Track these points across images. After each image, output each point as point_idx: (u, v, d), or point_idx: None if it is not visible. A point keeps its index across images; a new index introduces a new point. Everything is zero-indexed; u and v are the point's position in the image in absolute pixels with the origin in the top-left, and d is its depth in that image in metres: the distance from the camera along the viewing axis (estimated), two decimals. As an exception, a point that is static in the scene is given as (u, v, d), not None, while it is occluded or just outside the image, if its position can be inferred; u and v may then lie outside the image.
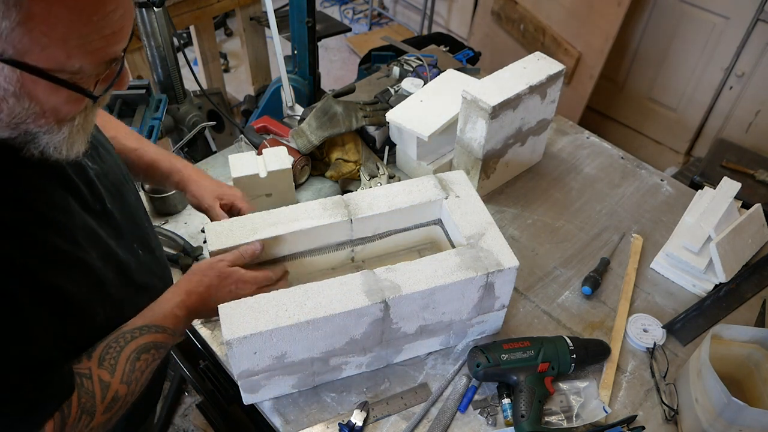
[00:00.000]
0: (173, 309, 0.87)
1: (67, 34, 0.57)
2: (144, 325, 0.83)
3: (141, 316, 0.84)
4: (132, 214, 0.90)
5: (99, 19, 0.58)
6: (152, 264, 0.93)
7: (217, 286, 0.93)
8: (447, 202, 1.10)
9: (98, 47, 0.60)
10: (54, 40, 0.56)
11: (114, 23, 0.60)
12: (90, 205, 0.79)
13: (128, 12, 0.63)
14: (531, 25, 2.84)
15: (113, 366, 0.77)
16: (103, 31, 0.59)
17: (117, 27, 0.61)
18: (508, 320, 1.16)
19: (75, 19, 0.56)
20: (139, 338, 0.81)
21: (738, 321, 1.19)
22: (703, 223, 1.24)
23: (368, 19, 4.28)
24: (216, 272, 0.94)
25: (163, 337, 0.84)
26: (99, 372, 0.76)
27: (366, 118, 1.45)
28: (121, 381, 0.77)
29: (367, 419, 1.00)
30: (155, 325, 0.84)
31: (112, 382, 0.76)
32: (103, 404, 0.75)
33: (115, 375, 0.77)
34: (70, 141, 0.67)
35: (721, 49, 2.48)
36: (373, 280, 0.95)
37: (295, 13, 1.84)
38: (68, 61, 0.59)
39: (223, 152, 1.56)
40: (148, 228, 0.96)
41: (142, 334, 0.82)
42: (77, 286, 0.73)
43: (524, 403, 0.98)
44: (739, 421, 0.90)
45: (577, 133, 1.65)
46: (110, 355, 0.78)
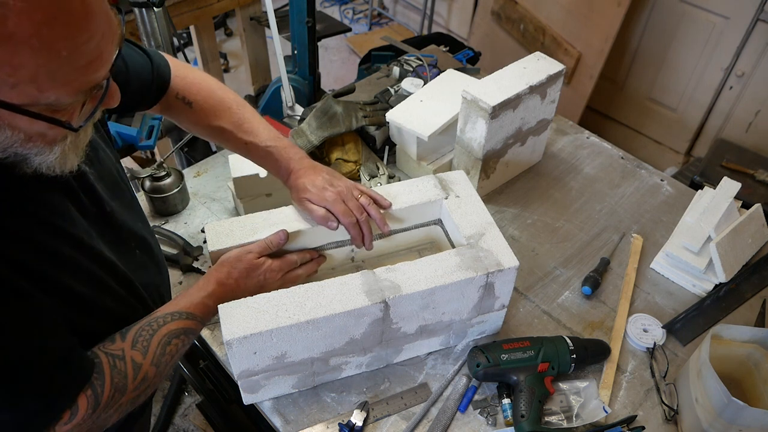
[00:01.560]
0: (204, 298, 0.90)
1: (35, 73, 0.54)
2: (176, 311, 0.86)
3: (173, 303, 0.88)
4: (128, 214, 0.91)
5: (69, 53, 0.55)
6: (150, 262, 0.94)
7: (246, 277, 0.96)
8: (447, 202, 1.10)
9: (73, 79, 0.58)
10: (22, 79, 0.54)
11: (89, 53, 0.58)
12: (89, 210, 0.79)
13: (107, 37, 0.59)
14: (531, 25, 2.84)
15: (146, 348, 0.80)
16: (76, 63, 0.57)
17: (93, 56, 0.58)
18: (508, 320, 1.16)
19: (41, 58, 0.54)
20: (170, 323, 0.84)
21: (738, 321, 1.19)
22: (703, 223, 1.24)
23: (368, 19, 4.28)
24: (245, 264, 0.96)
25: (193, 324, 0.88)
26: (132, 353, 0.79)
27: (366, 118, 1.45)
28: (151, 363, 0.81)
29: (367, 419, 1.00)
30: (186, 311, 0.87)
31: (144, 363, 0.80)
32: (133, 383, 0.79)
33: (147, 357, 0.80)
34: (62, 159, 0.66)
35: (721, 49, 2.48)
36: (373, 280, 0.95)
37: (295, 13, 1.84)
38: (42, 95, 0.57)
39: (223, 152, 1.56)
40: (144, 227, 0.96)
41: (174, 319, 0.85)
42: (83, 285, 0.75)
43: (524, 403, 0.98)
44: (739, 421, 0.90)
45: (577, 133, 1.65)
46: (143, 337, 0.81)
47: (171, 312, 0.86)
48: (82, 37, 0.56)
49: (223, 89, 1.09)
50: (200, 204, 1.39)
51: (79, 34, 0.55)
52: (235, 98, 1.09)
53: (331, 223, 1.02)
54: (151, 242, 0.97)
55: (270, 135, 1.08)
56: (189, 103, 1.05)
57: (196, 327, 0.89)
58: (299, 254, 1.05)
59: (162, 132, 1.77)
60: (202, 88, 1.06)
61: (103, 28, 0.58)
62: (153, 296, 0.92)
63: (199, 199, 1.41)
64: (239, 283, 0.95)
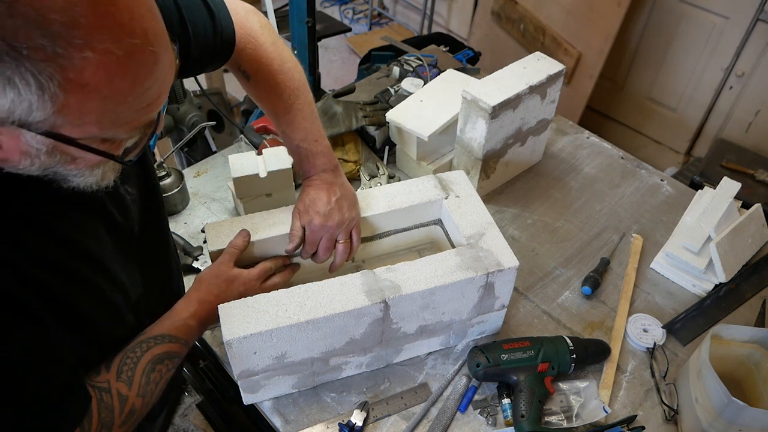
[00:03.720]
0: (186, 320, 0.88)
1: (101, 116, 0.55)
2: (159, 335, 0.84)
3: (156, 326, 0.86)
4: (159, 239, 0.91)
5: (134, 99, 0.57)
6: (170, 294, 0.95)
7: (226, 290, 0.94)
8: (447, 202, 1.10)
9: (133, 119, 0.59)
10: (88, 121, 0.55)
11: (150, 96, 0.58)
12: (122, 232, 0.78)
13: (166, 82, 0.60)
14: (531, 25, 2.84)
15: (130, 378, 0.78)
16: (138, 105, 0.58)
17: (153, 98, 0.59)
18: (508, 320, 1.16)
19: (109, 104, 0.55)
20: (154, 348, 0.82)
21: (738, 321, 1.19)
22: (703, 223, 1.24)
23: (368, 19, 4.28)
24: (223, 279, 0.95)
25: (177, 347, 0.85)
26: (117, 385, 0.77)
27: (366, 118, 1.45)
28: (137, 394, 0.78)
29: (367, 419, 1.00)
30: (169, 334, 0.85)
31: (130, 395, 0.77)
32: (120, 418, 0.76)
33: (132, 388, 0.78)
34: (101, 178, 0.66)
35: (721, 49, 2.48)
36: (373, 280, 0.95)
37: (295, 13, 1.84)
38: (101, 133, 0.58)
39: (223, 152, 1.56)
40: (173, 253, 0.96)
41: (157, 344, 0.83)
42: (97, 311, 0.74)
43: (524, 403, 0.98)
44: (739, 421, 0.90)
45: (577, 133, 1.65)
46: (127, 366, 0.78)
47: (154, 336, 0.83)
48: (147, 84, 0.56)
49: (284, 72, 1.01)
50: (200, 204, 1.39)
51: (145, 82, 0.56)
52: (293, 83, 1.02)
53: (290, 245, 1.03)
54: (176, 269, 0.98)
55: (306, 135, 1.04)
56: (247, 76, 1.00)
57: (180, 350, 0.86)
58: (273, 261, 1.03)
59: (162, 132, 1.78)
60: (262, 66, 0.99)
61: (166, 71, 0.59)
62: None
63: (199, 199, 1.41)
64: (220, 297, 0.93)
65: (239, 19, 0.93)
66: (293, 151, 1.06)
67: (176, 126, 1.99)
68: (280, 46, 1.01)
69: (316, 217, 1.01)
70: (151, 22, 0.55)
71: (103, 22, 0.50)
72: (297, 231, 1.02)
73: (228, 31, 0.91)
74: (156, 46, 0.55)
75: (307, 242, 1.03)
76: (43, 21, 0.47)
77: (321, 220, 1.01)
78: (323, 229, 1.02)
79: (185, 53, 0.84)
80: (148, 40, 0.54)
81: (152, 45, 0.55)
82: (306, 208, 1.02)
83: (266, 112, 1.06)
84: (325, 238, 1.03)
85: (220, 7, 0.89)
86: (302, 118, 1.03)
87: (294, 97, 1.01)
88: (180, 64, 0.83)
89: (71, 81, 0.50)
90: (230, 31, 0.92)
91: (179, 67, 0.77)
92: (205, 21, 0.87)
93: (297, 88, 1.02)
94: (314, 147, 1.04)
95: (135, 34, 0.53)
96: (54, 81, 0.49)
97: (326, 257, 1.05)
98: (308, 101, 1.03)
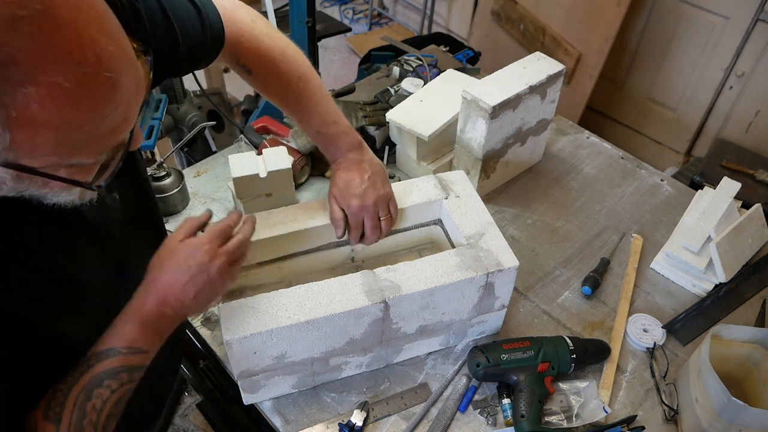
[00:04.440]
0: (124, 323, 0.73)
1: (56, 146, 0.51)
2: (95, 353, 0.70)
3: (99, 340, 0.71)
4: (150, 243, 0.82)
5: (92, 127, 0.52)
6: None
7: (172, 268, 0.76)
8: (447, 202, 1.10)
9: (96, 145, 0.54)
10: (43, 153, 0.51)
11: (113, 121, 0.53)
12: (109, 245, 0.74)
13: (131, 103, 0.55)
14: (531, 25, 2.84)
15: (58, 415, 0.65)
16: (99, 132, 0.53)
17: (117, 122, 0.54)
18: (508, 320, 1.16)
19: (63, 134, 0.50)
20: (88, 372, 0.68)
21: (738, 321, 1.19)
22: (703, 223, 1.24)
23: (368, 19, 4.28)
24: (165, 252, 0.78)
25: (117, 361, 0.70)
26: (44, 425, 0.65)
27: (366, 118, 1.45)
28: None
29: (367, 419, 1.00)
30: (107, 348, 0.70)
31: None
32: None
33: (61, 428, 0.65)
34: (80, 196, 0.61)
35: (721, 49, 2.48)
36: (373, 280, 0.95)
37: (295, 13, 1.84)
38: (63, 161, 0.53)
39: (223, 152, 1.56)
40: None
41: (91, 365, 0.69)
42: (79, 332, 0.69)
43: (524, 403, 0.98)
44: (739, 421, 0.90)
45: (577, 133, 1.65)
46: (56, 400, 0.66)
47: (88, 357, 0.69)
48: (106, 110, 0.52)
49: (287, 60, 0.97)
50: (200, 204, 1.39)
51: (103, 108, 0.52)
52: (298, 70, 0.98)
53: (338, 230, 1.03)
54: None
55: (323, 119, 1.01)
56: (249, 71, 0.96)
57: (124, 361, 0.70)
58: (224, 222, 0.84)
59: (162, 132, 1.78)
60: (262, 58, 0.95)
61: (129, 93, 0.54)
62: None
63: (199, 199, 1.41)
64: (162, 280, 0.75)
65: (227, 13, 0.90)
66: (313, 137, 1.05)
67: (176, 126, 1.99)
68: (276, 35, 0.97)
69: (354, 200, 1.01)
70: (106, 46, 0.50)
71: (46, 54, 0.46)
72: (338, 215, 1.02)
73: (216, 26, 0.87)
74: (112, 70, 0.51)
75: (352, 227, 1.04)
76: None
77: (359, 201, 1.01)
78: (363, 209, 1.02)
79: (172, 53, 0.81)
80: (102, 65, 0.50)
81: (108, 70, 0.50)
82: (341, 193, 1.02)
83: (277, 104, 1.04)
84: (368, 217, 1.03)
85: (206, 3, 0.86)
86: (315, 102, 1.01)
87: (302, 83, 0.99)
88: (167, 65, 0.79)
89: (14, 118, 0.47)
90: (218, 26, 0.88)
91: (169, 67, 0.75)
92: (191, 17, 0.83)
93: (304, 74, 0.99)
94: (334, 129, 1.03)
95: (86, 62, 0.49)
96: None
97: (375, 236, 1.05)
98: (317, 85, 1.01)
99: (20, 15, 0.45)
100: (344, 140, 1.04)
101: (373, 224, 1.04)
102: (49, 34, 0.46)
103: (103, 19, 0.51)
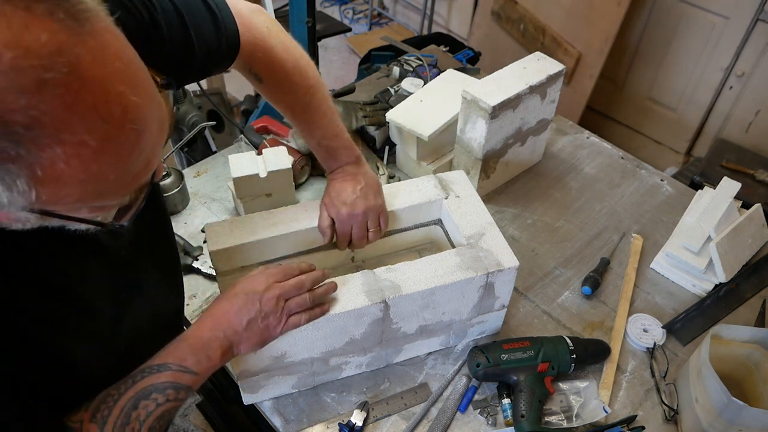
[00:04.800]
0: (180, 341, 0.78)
1: (81, 196, 0.51)
2: (148, 366, 0.74)
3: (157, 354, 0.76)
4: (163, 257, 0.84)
5: (117, 176, 0.51)
6: (174, 314, 0.89)
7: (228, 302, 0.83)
8: (447, 202, 1.10)
9: (120, 190, 0.54)
10: (67, 201, 0.51)
11: (137, 167, 0.52)
12: (118, 263, 0.73)
13: (155, 147, 0.54)
14: (531, 25, 2.84)
15: (105, 418, 0.68)
16: (124, 179, 0.53)
17: (141, 167, 0.53)
18: (508, 320, 1.16)
19: (89, 185, 0.50)
20: (140, 382, 0.72)
21: (738, 321, 1.19)
22: (703, 223, 1.24)
23: (368, 19, 4.28)
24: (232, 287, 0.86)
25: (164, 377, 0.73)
26: (89, 426, 0.68)
27: (366, 118, 1.45)
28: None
29: (367, 419, 1.00)
30: (159, 364, 0.74)
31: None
32: None
33: (105, 430, 0.68)
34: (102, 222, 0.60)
35: (721, 49, 2.48)
36: (373, 280, 0.95)
37: (295, 13, 1.84)
38: (86, 205, 0.53)
39: (223, 152, 1.56)
40: (178, 272, 0.91)
41: (144, 377, 0.72)
42: (90, 354, 0.69)
43: (524, 403, 0.98)
44: (739, 421, 0.90)
45: (577, 133, 1.65)
46: (107, 404, 0.69)
47: (142, 369, 0.73)
48: (131, 158, 0.51)
49: (298, 71, 0.98)
50: (200, 204, 1.39)
51: (128, 157, 0.51)
52: (308, 82, 1.00)
53: (324, 238, 1.05)
54: (180, 286, 0.92)
55: (325, 132, 1.04)
56: (260, 79, 0.97)
57: (171, 378, 0.73)
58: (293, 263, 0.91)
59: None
60: (275, 68, 0.96)
61: (154, 137, 0.53)
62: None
63: (199, 199, 1.41)
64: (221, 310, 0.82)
65: (244, 22, 0.90)
66: (314, 148, 1.07)
67: (176, 126, 1.99)
68: (291, 45, 0.98)
69: (343, 208, 1.03)
70: (131, 98, 0.49)
71: (71, 114, 0.45)
72: (325, 222, 1.04)
73: (232, 33, 0.87)
74: (137, 122, 0.50)
75: (339, 233, 1.06)
76: (3, 123, 0.43)
77: (348, 210, 1.03)
78: (351, 218, 1.04)
79: (188, 61, 0.81)
80: (128, 118, 0.49)
81: (133, 122, 0.50)
82: (332, 201, 1.04)
83: (281, 112, 1.06)
84: (356, 226, 1.05)
85: (222, 9, 0.86)
86: (320, 115, 1.03)
87: (310, 95, 1.00)
88: (182, 70, 0.78)
89: (40, 178, 0.47)
90: (234, 34, 0.88)
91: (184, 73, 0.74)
92: (207, 25, 0.83)
93: (312, 86, 1.00)
94: (335, 142, 1.05)
95: (111, 118, 0.48)
96: (21, 179, 0.46)
97: (362, 245, 1.08)
98: (324, 97, 1.03)
99: (46, 78, 0.44)
100: (344, 154, 1.06)
101: (360, 234, 1.06)
102: (76, 94, 0.45)
103: (128, 69, 0.50)
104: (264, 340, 0.85)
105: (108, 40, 0.48)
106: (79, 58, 0.45)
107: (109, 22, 0.49)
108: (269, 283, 0.85)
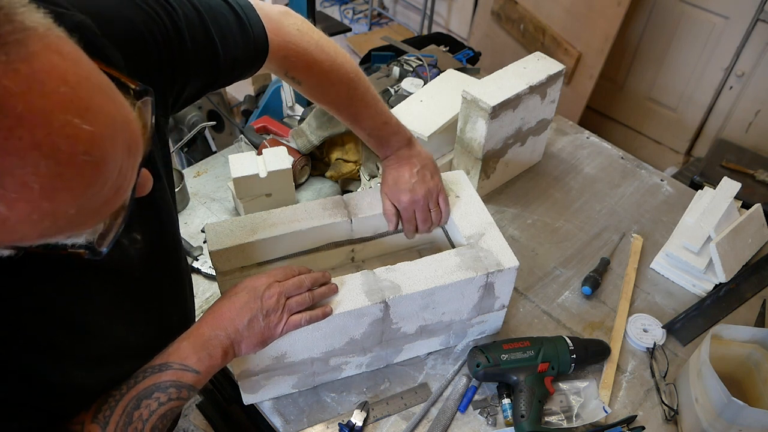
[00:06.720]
0: (181, 340, 0.78)
1: (42, 232, 0.45)
2: (150, 366, 0.73)
3: (158, 354, 0.75)
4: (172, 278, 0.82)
5: (78, 209, 0.45)
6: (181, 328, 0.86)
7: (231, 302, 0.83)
8: (447, 202, 1.10)
9: (87, 220, 0.48)
10: (29, 239, 0.46)
11: (103, 196, 0.46)
12: (126, 280, 0.70)
13: (124, 171, 0.47)
14: (531, 25, 2.84)
15: (107, 418, 0.67)
16: (88, 209, 0.46)
17: (109, 195, 0.47)
18: (508, 320, 1.16)
19: (46, 222, 0.44)
20: (142, 381, 0.71)
21: (738, 321, 1.19)
22: (703, 223, 1.24)
23: (368, 19, 4.28)
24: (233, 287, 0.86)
25: (166, 376, 0.73)
26: (90, 428, 0.67)
27: (366, 118, 1.44)
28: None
29: (367, 419, 1.00)
30: (161, 363, 0.74)
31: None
32: None
33: (107, 430, 0.67)
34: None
35: (721, 49, 2.48)
36: (373, 280, 0.95)
37: (295, 13, 1.84)
38: (53, 239, 0.48)
39: (223, 152, 1.56)
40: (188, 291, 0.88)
41: (146, 376, 0.72)
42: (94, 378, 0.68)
43: (524, 403, 0.98)
44: (739, 421, 0.90)
45: (577, 133, 1.65)
46: (108, 404, 0.68)
47: (144, 369, 0.72)
48: (92, 189, 0.45)
49: (336, 68, 0.96)
50: (200, 204, 1.39)
51: (87, 190, 0.44)
52: (347, 77, 0.98)
53: (390, 225, 1.07)
54: (190, 305, 0.90)
55: (374, 123, 1.04)
56: (298, 82, 0.96)
57: (173, 377, 0.73)
58: (293, 266, 0.91)
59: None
60: (312, 70, 0.94)
61: (118, 162, 0.46)
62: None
63: (199, 199, 1.41)
64: (220, 311, 0.82)
65: (273, 26, 0.87)
66: (365, 139, 1.08)
67: (176, 126, 1.99)
68: (325, 43, 0.95)
69: (404, 195, 1.05)
70: (82, 126, 0.42)
71: (6, 157, 0.39)
72: (390, 209, 1.06)
73: (260, 39, 0.84)
74: (93, 152, 0.43)
75: (404, 220, 1.07)
76: None
77: (409, 196, 1.04)
78: (413, 203, 1.05)
79: (213, 68, 0.78)
80: (79, 150, 0.42)
81: (87, 153, 0.43)
82: (391, 189, 1.06)
83: (327, 110, 1.06)
84: (419, 210, 1.06)
85: (249, 13, 0.83)
86: (365, 106, 1.02)
87: (352, 89, 1.00)
88: (207, 79, 0.77)
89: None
90: (263, 39, 0.85)
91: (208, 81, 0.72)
92: (233, 31, 0.80)
93: (352, 80, 0.99)
94: (384, 131, 1.06)
95: (58, 152, 0.41)
96: None
97: (427, 228, 1.09)
98: (366, 88, 1.02)
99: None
100: (395, 140, 1.07)
101: (424, 217, 1.07)
102: (8, 133, 0.38)
103: (76, 93, 0.42)
104: (265, 340, 0.85)
105: (50, 62, 0.41)
106: (8, 91, 0.38)
107: (53, 38, 0.42)
108: (270, 282, 0.85)
